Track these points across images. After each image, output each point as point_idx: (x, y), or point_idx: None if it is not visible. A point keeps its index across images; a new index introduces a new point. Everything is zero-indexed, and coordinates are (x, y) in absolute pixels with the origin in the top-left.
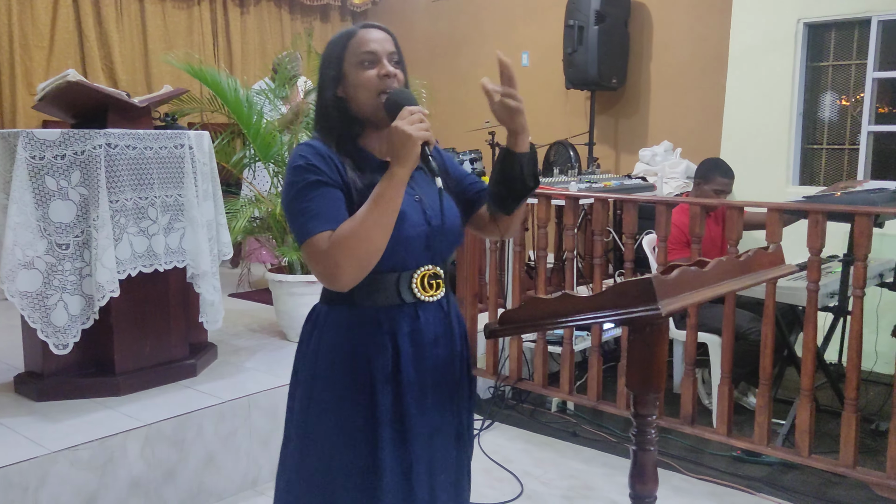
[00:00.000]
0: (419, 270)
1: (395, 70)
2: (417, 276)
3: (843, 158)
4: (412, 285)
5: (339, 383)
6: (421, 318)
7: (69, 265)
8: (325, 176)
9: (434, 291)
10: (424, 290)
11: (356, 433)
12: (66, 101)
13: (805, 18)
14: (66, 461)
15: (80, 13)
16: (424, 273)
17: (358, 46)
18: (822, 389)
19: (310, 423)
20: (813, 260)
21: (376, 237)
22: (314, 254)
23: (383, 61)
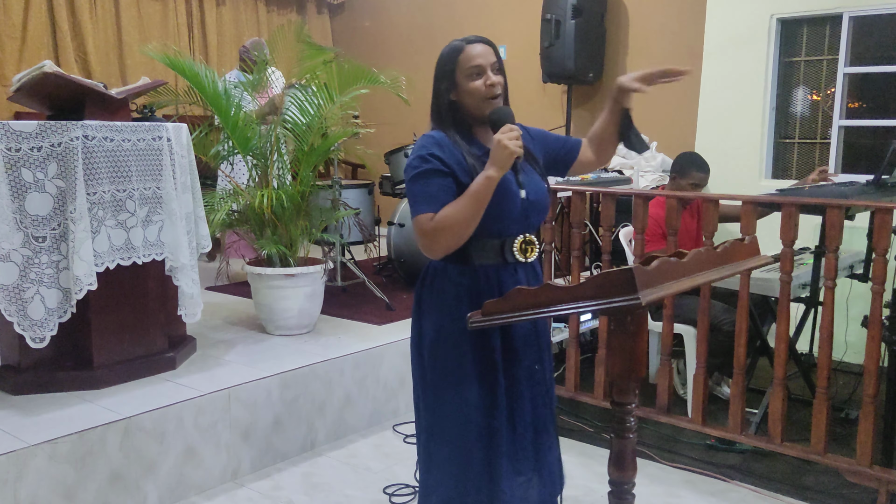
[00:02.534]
0: (518, 237)
1: (498, 78)
2: (518, 242)
3: (815, 152)
4: (514, 249)
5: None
6: (520, 274)
7: (46, 258)
8: (439, 165)
9: (529, 255)
10: (522, 254)
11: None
12: (42, 93)
13: (778, 14)
14: (44, 455)
15: (54, 3)
16: (522, 240)
17: (467, 61)
18: (794, 379)
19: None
20: (786, 252)
21: (466, 224)
22: (419, 230)
23: (488, 72)
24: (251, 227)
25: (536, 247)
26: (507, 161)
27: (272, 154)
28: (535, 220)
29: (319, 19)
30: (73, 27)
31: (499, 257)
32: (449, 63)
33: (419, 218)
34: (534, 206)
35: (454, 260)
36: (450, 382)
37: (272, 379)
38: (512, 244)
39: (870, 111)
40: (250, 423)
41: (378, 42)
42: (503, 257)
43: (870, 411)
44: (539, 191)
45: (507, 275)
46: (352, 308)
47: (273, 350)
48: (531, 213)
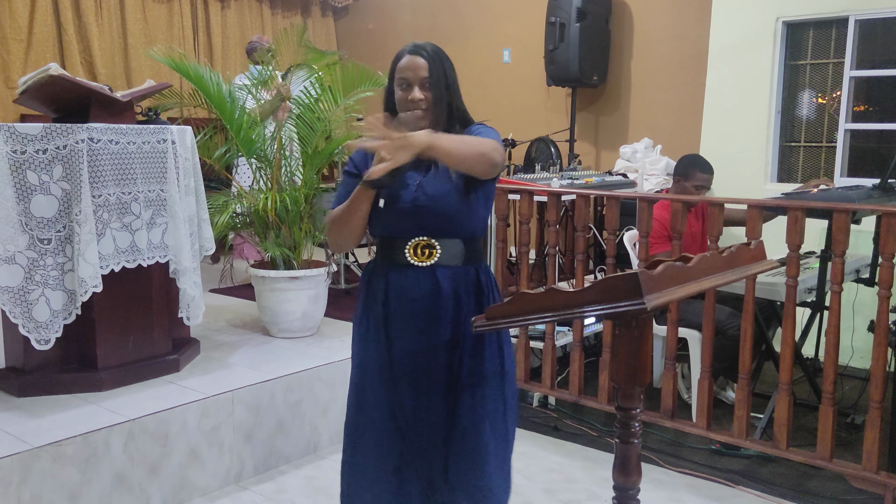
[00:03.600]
0: (412, 240)
1: (422, 94)
2: (410, 245)
3: (821, 156)
4: (405, 251)
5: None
6: (409, 277)
7: (51, 260)
8: (352, 167)
9: (424, 259)
10: (416, 257)
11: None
12: (47, 95)
13: (784, 17)
14: (48, 457)
15: (59, 6)
16: (417, 242)
17: (399, 71)
18: (800, 383)
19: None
20: (792, 256)
21: (340, 223)
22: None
23: (414, 87)
24: (255, 230)
25: (437, 251)
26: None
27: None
28: (428, 223)
29: (324, 22)
30: (79, 30)
31: (391, 259)
32: (391, 68)
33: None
34: (425, 209)
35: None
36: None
37: (276, 382)
38: (403, 246)
39: (876, 115)
40: (254, 426)
41: (382, 45)
42: (393, 259)
43: (876, 417)
44: (436, 195)
45: (398, 275)
46: None
47: (276, 352)
48: (422, 216)
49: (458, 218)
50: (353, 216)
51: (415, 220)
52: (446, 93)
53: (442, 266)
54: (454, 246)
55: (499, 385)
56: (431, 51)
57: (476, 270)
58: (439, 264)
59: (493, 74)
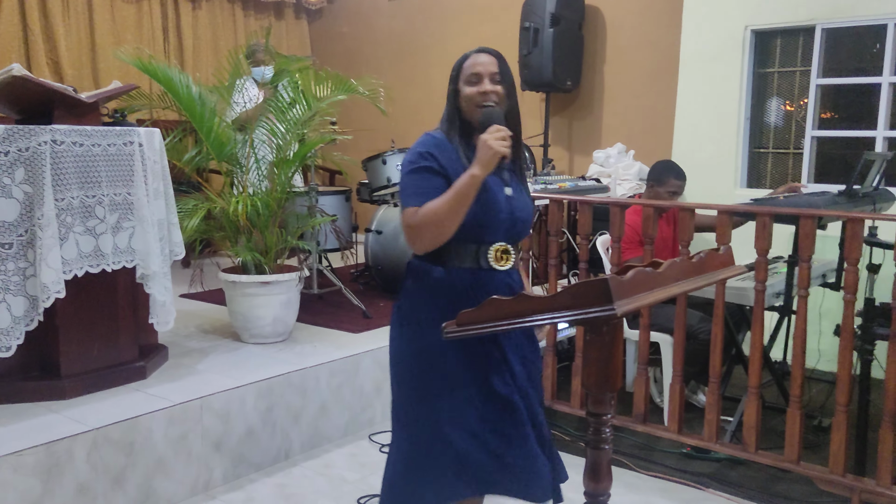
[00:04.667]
0: (495, 245)
1: (494, 87)
2: (494, 250)
3: (788, 162)
4: (489, 256)
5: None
6: (495, 279)
7: (12, 265)
8: (434, 163)
9: (503, 263)
10: (497, 261)
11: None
12: (10, 97)
13: (752, 25)
14: (9, 467)
15: (25, 6)
16: (498, 248)
17: (468, 68)
18: (768, 387)
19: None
20: (760, 261)
21: (448, 220)
22: (404, 222)
23: (484, 80)
24: (227, 235)
25: (513, 256)
26: (492, 161)
27: (249, 158)
28: (518, 232)
29: (297, 24)
30: (45, 30)
31: (474, 262)
32: (455, 69)
33: (406, 210)
34: (519, 220)
35: (432, 260)
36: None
37: (246, 388)
38: (487, 251)
39: (842, 122)
40: (223, 434)
41: (356, 48)
42: (478, 262)
43: (842, 420)
44: (525, 208)
45: (481, 279)
46: (328, 316)
47: (247, 359)
48: (516, 224)
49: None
50: (465, 206)
51: (507, 229)
52: (513, 94)
53: (513, 270)
54: (517, 251)
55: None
56: (497, 52)
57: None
58: (512, 268)
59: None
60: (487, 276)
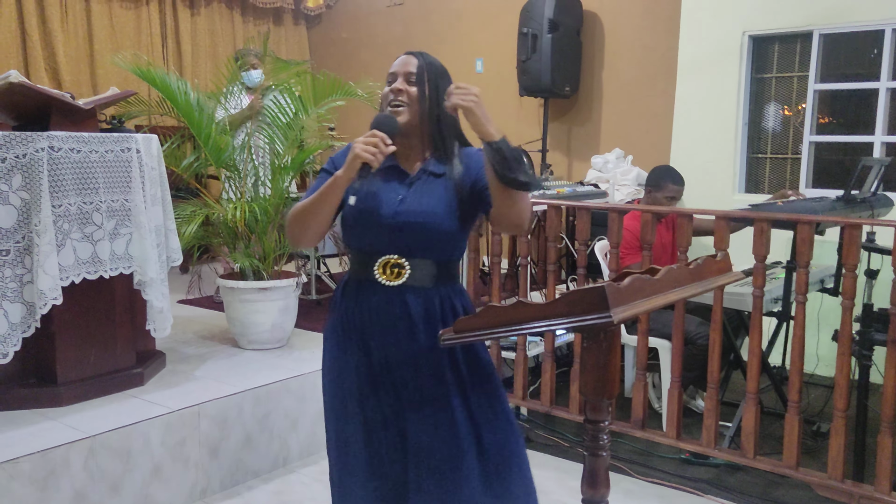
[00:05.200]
0: (383, 257)
1: (404, 86)
2: (380, 263)
3: (787, 167)
4: (374, 268)
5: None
6: (381, 296)
7: (9, 272)
8: (332, 167)
9: (391, 278)
10: (384, 275)
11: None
12: (7, 103)
13: (750, 31)
14: (5, 474)
15: (23, 12)
16: (387, 260)
17: (391, 69)
18: (767, 392)
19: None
20: (758, 266)
21: (304, 217)
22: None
23: (398, 80)
24: (224, 241)
25: (407, 271)
26: (352, 163)
27: (247, 164)
28: (408, 242)
29: (296, 30)
30: (44, 36)
31: (362, 274)
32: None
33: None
34: (407, 226)
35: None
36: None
37: (244, 395)
38: (373, 262)
39: (840, 127)
40: (220, 441)
41: (355, 53)
42: (366, 275)
43: (841, 425)
44: (422, 212)
45: (368, 292)
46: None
47: (245, 365)
48: (403, 232)
49: (438, 239)
50: (322, 208)
51: (391, 237)
52: (435, 99)
53: (411, 287)
54: (425, 267)
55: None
56: (427, 56)
57: (449, 292)
58: (408, 285)
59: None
60: (372, 291)
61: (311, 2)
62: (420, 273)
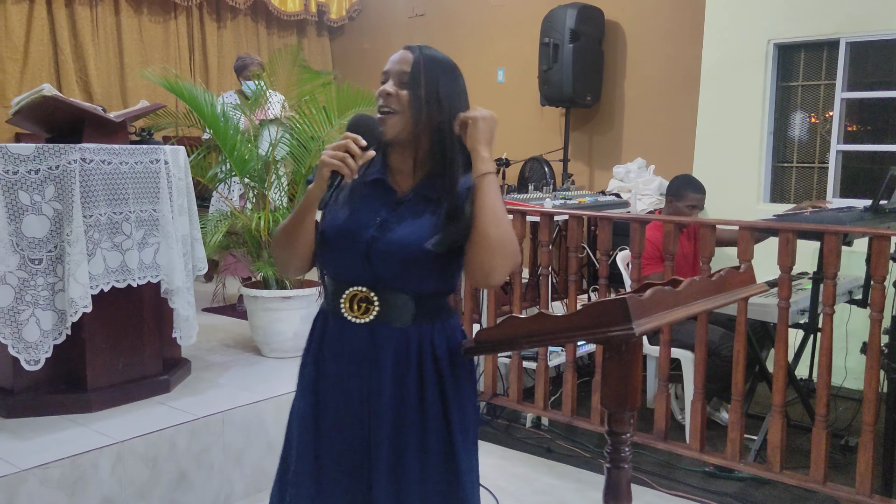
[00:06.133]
0: (351, 289)
1: (393, 88)
2: (348, 294)
3: (813, 176)
4: (340, 301)
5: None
6: (345, 334)
7: (42, 280)
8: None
9: (358, 314)
10: (350, 310)
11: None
12: (40, 116)
13: (775, 39)
14: (35, 480)
15: (55, 26)
16: (355, 293)
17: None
18: (793, 405)
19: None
20: (784, 278)
21: (287, 240)
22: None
23: (388, 80)
24: (248, 250)
25: (376, 308)
26: (319, 172)
27: (269, 176)
28: (380, 272)
29: (319, 41)
30: (75, 49)
31: (331, 304)
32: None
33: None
34: (379, 255)
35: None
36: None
37: (267, 402)
38: (340, 294)
39: (868, 136)
40: (244, 448)
41: (377, 64)
42: (332, 307)
43: (869, 439)
44: (398, 241)
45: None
46: None
47: (268, 373)
48: (377, 260)
49: (418, 273)
50: (299, 227)
51: (364, 265)
52: (434, 105)
53: (383, 325)
54: (400, 303)
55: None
56: (427, 50)
57: (431, 331)
58: (379, 322)
59: (487, 94)
60: (338, 327)
61: (334, 13)
62: (393, 310)
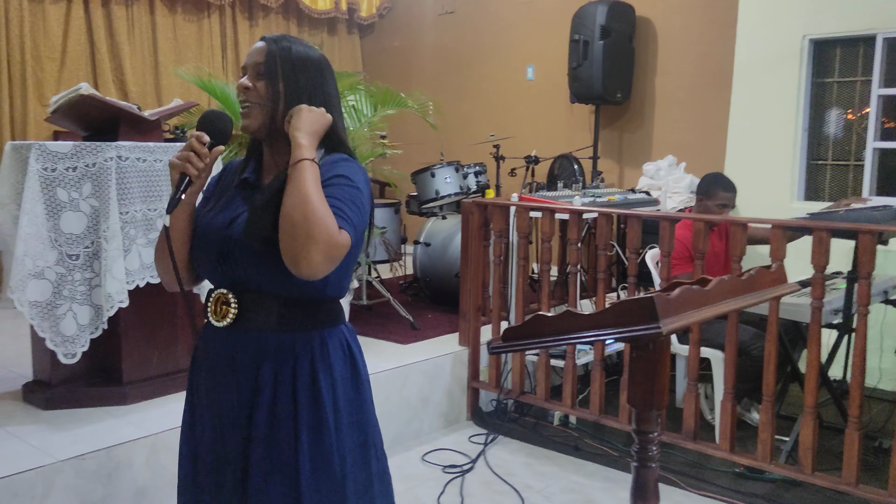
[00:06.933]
0: (215, 291)
1: (249, 83)
2: (213, 297)
3: (849, 174)
4: (208, 305)
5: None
6: (214, 339)
7: (79, 275)
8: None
9: (219, 318)
10: (214, 313)
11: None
12: (78, 114)
13: (810, 35)
14: (72, 470)
15: (92, 25)
16: (218, 295)
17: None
18: (826, 406)
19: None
20: (817, 277)
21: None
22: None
23: (245, 74)
24: None
25: (232, 309)
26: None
27: None
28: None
29: (349, 39)
30: (111, 48)
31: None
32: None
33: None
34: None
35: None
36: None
37: None
38: (208, 298)
39: None
40: None
41: (407, 61)
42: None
43: None
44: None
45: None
46: (377, 327)
47: None
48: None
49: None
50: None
51: (220, 263)
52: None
53: (244, 330)
54: (263, 305)
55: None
56: (280, 39)
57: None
58: (240, 327)
59: (516, 91)
60: (210, 333)
61: (364, 11)
62: (251, 312)
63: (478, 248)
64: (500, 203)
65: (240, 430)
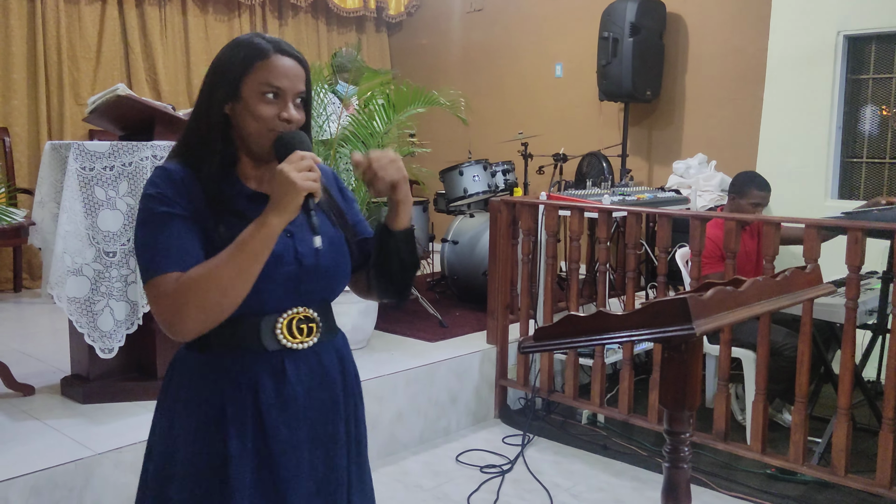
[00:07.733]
0: (286, 314)
1: (298, 115)
2: (284, 320)
3: (884, 172)
4: (276, 330)
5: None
6: (288, 369)
7: (116, 272)
8: (177, 208)
9: (304, 337)
10: (292, 337)
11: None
12: (115, 114)
13: (845, 31)
14: (110, 463)
15: (126, 26)
16: (293, 316)
17: (266, 74)
18: (860, 408)
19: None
20: (852, 278)
21: (231, 288)
22: (157, 296)
23: (288, 103)
24: None
25: (318, 326)
26: (292, 200)
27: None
28: (314, 290)
29: (378, 37)
30: (145, 48)
31: (254, 343)
32: (239, 67)
33: (157, 280)
34: (314, 272)
35: (195, 344)
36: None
37: None
38: (274, 324)
39: None
40: None
41: (435, 59)
42: (261, 343)
43: None
44: (332, 251)
45: (265, 368)
46: (405, 324)
47: None
48: (307, 280)
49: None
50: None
51: (294, 286)
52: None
53: (323, 343)
54: (328, 312)
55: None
56: (302, 57)
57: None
58: (321, 342)
59: (545, 89)
60: (277, 361)
61: (392, 9)
62: (328, 324)
63: (506, 247)
64: (528, 201)
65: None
